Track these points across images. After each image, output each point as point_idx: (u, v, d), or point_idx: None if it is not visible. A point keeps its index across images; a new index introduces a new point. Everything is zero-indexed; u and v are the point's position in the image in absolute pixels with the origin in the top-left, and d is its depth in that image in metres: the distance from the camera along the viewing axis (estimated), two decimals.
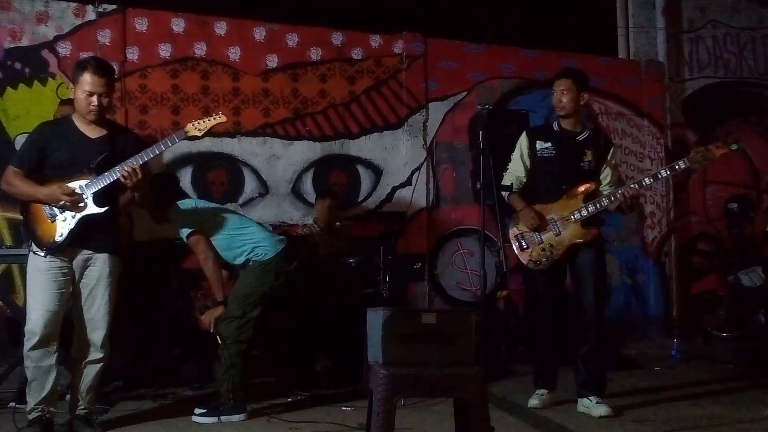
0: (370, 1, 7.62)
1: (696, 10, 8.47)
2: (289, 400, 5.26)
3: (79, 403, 4.33)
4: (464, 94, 7.51)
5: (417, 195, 7.18)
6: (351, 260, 5.99)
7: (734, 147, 4.93)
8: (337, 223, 6.45)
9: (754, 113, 8.56)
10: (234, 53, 6.81)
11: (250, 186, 6.83)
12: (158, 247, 6.36)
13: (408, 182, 7.20)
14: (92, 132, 4.29)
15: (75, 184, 4.17)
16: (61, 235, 4.17)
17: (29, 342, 4.15)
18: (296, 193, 6.95)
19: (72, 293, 4.31)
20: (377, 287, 5.74)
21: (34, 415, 4.18)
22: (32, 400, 4.20)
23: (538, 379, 5.10)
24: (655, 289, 7.98)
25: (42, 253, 4.17)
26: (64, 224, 4.18)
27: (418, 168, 7.23)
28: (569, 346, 5.14)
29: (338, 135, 7.09)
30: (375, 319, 3.56)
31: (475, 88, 7.53)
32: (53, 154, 4.22)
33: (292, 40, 7.02)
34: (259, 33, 6.92)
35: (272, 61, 6.93)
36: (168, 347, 5.80)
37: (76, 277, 4.28)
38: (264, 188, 6.84)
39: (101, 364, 4.32)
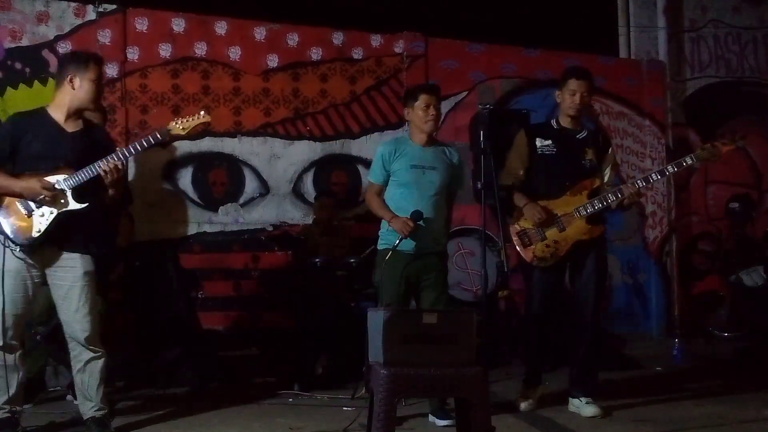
0: (371, 0, 7.61)
1: (697, 10, 8.46)
2: (290, 400, 5.26)
3: (92, 404, 4.25)
4: (465, 93, 7.49)
5: None
6: (351, 260, 5.99)
7: (740, 143, 4.96)
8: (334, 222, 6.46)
9: (756, 113, 8.55)
10: (234, 53, 6.80)
11: (250, 186, 6.82)
12: (158, 247, 6.37)
13: None
14: (70, 126, 4.20)
15: (53, 179, 4.06)
16: (38, 231, 4.05)
17: None
18: (297, 192, 6.93)
19: (45, 294, 4.26)
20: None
21: (2, 415, 4.13)
22: None
23: (529, 378, 5.08)
24: (656, 289, 7.97)
25: (15, 248, 4.05)
26: (41, 219, 4.06)
27: None
28: (565, 345, 5.15)
29: (339, 135, 7.08)
30: (376, 319, 3.56)
31: (476, 87, 7.52)
32: (28, 147, 4.10)
33: (293, 39, 7.01)
34: (260, 33, 6.91)
35: (273, 60, 6.92)
36: (168, 347, 5.79)
37: (48, 277, 4.19)
38: (264, 188, 6.83)
39: (101, 360, 4.25)
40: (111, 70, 6.40)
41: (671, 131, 8.16)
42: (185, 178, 6.65)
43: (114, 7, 6.46)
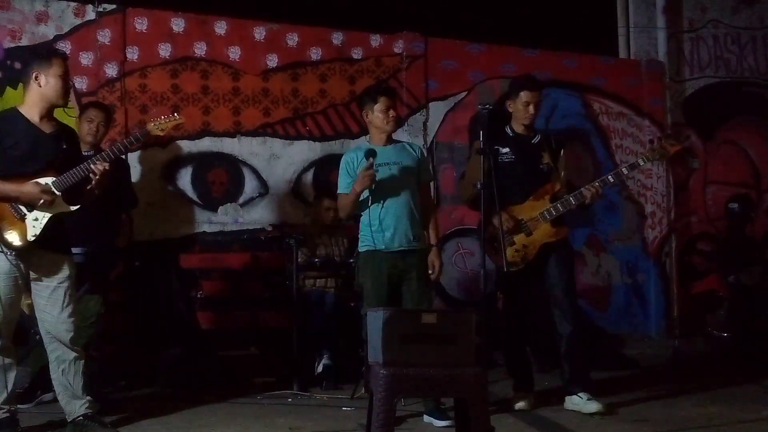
0: (371, 0, 7.61)
1: (696, 10, 8.45)
2: (289, 400, 5.26)
3: (82, 402, 4.27)
4: (464, 93, 7.49)
5: None
6: (351, 260, 5.99)
7: (687, 143, 5.11)
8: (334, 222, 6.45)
9: (755, 113, 8.55)
10: (234, 53, 6.80)
11: (250, 186, 6.82)
12: (158, 247, 6.37)
13: None
14: (45, 127, 4.22)
15: (42, 181, 4.08)
16: (33, 236, 4.08)
17: None
18: (296, 193, 6.93)
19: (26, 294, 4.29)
20: None
21: (2, 415, 4.20)
22: None
23: (518, 383, 5.11)
24: (655, 289, 7.96)
25: (10, 252, 4.07)
26: (35, 223, 4.08)
27: None
28: (547, 346, 5.18)
29: (338, 135, 7.08)
30: (375, 319, 3.56)
31: (476, 87, 7.52)
32: (10, 149, 4.10)
33: (292, 39, 7.01)
34: (259, 33, 6.91)
35: (272, 60, 6.92)
36: (168, 347, 5.80)
37: (33, 279, 4.21)
38: (264, 188, 6.83)
39: (83, 359, 4.30)
40: (110, 70, 6.42)
41: (671, 131, 8.15)
42: (185, 178, 6.65)
43: (113, 6, 6.46)
